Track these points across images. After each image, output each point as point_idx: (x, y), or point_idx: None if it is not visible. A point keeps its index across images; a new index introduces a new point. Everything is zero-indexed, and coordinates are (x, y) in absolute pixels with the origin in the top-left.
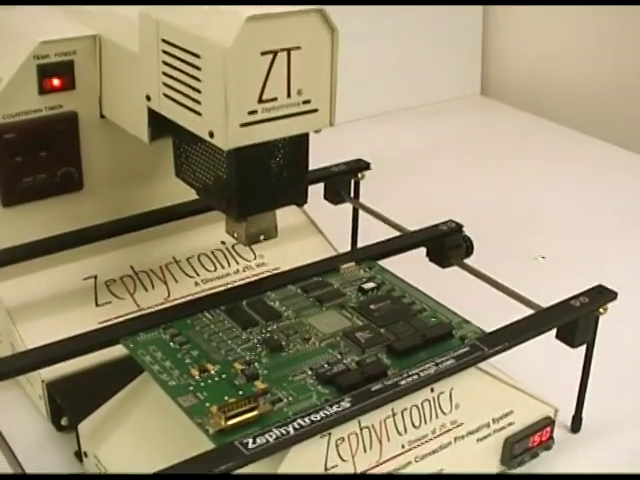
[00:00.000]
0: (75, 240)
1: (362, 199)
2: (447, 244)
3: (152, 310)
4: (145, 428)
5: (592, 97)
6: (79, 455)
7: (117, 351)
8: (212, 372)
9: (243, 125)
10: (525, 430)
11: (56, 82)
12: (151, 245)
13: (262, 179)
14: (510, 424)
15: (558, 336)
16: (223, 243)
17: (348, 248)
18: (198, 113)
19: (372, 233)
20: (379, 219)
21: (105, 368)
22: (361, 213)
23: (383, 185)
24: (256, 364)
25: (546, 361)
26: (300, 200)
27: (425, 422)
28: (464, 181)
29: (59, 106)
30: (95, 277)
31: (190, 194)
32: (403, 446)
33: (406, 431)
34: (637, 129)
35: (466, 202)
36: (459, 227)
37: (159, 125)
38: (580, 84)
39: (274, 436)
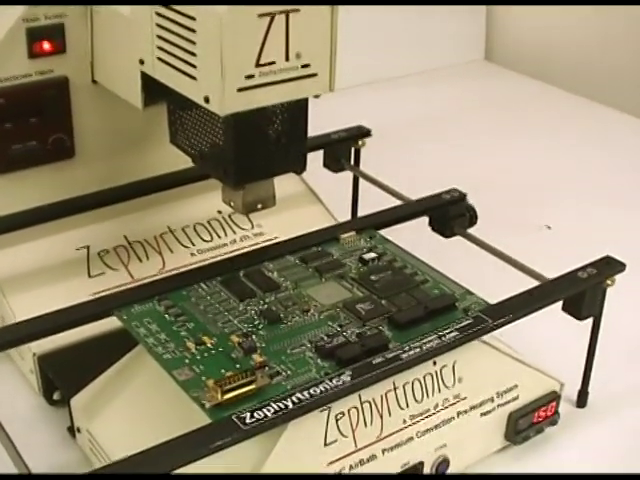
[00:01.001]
0: (67, 209)
1: (362, 167)
2: (450, 213)
3: (146, 281)
4: (139, 403)
5: (601, 62)
6: (72, 430)
7: (110, 323)
8: (208, 345)
9: (240, 90)
10: (530, 405)
11: (46, 46)
12: (145, 214)
13: (260, 146)
14: (514, 398)
15: (564, 308)
16: (220, 212)
17: (348, 217)
18: (193, 77)
19: (373, 202)
20: (380, 187)
21: (98, 341)
22: (361, 181)
23: (384, 152)
24: (254, 336)
25: (552, 334)
26: (299, 168)
27: (427, 396)
28: (467, 149)
29: (49, 71)
30: (88, 247)
31: (185, 162)
32: (405, 421)
33: (408, 405)
34: None
35: (470, 170)
36: (462, 196)
37: (153, 90)
38: (588, 49)
39: (272, 410)
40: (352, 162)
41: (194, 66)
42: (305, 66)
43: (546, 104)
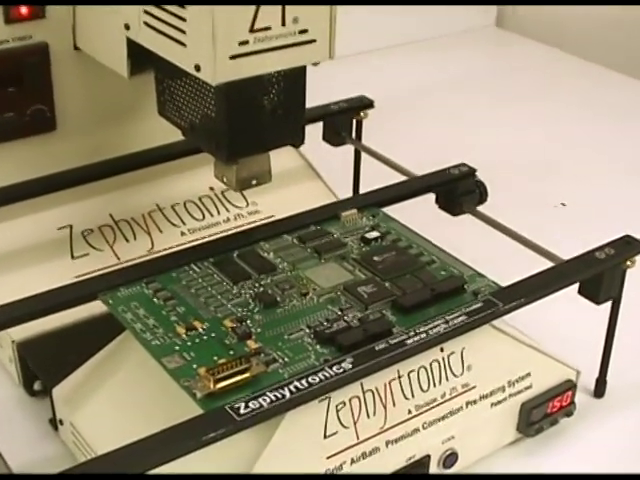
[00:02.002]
0: (48, 186)
1: (365, 140)
2: (459, 189)
3: (134, 263)
4: (126, 392)
5: (618, 29)
6: (54, 423)
7: (95, 308)
8: (200, 330)
9: (233, 57)
10: (544, 394)
11: (24, 10)
12: (132, 191)
13: (254, 118)
14: (527, 388)
15: (581, 291)
16: (212, 189)
17: (349, 194)
18: (183, 44)
19: (376, 178)
20: (383, 162)
21: (82, 327)
22: (364, 156)
23: (388, 125)
24: (248, 321)
25: (567, 319)
26: (296, 141)
27: (434, 385)
28: (477, 121)
29: (28, 37)
30: (70, 227)
31: (175, 135)
32: (410, 411)
33: (413, 395)
34: None
35: (479, 144)
36: (472, 171)
37: (139, 58)
38: (605, 14)
39: (268, 400)
40: (354, 135)
41: (183, 32)
42: (303, 32)
43: (561, 73)
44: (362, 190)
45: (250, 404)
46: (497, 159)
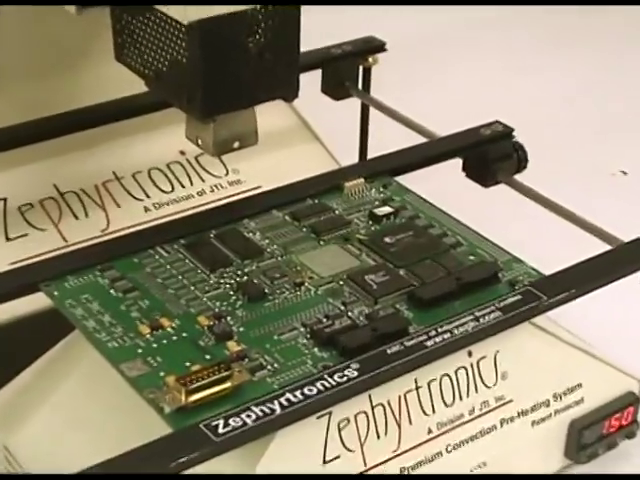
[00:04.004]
0: None
1: (374, 92)
2: (491, 154)
3: (85, 245)
4: (75, 408)
5: None
6: None
7: (36, 302)
8: (168, 329)
9: None
10: (599, 411)
11: None
12: (82, 156)
13: (236, 64)
14: (578, 402)
15: None
16: (182, 153)
17: (355, 159)
18: None
19: (388, 139)
20: (397, 120)
21: (20, 325)
22: (372, 112)
23: (403, 73)
24: (229, 318)
25: (628, 317)
26: (289, 93)
27: (460, 398)
28: (512, 69)
29: None
30: (4, 200)
31: (137, 86)
32: (430, 431)
33: (434, 410)
34: None
35: (516, 99)
36: (508, 131)
37: None
38: None
39: (254, 417)
40: (360, 86)
41: None
42: None
43: (617, 12)
44: (371, 155)
45: (231, 421)
46: (539, 116)
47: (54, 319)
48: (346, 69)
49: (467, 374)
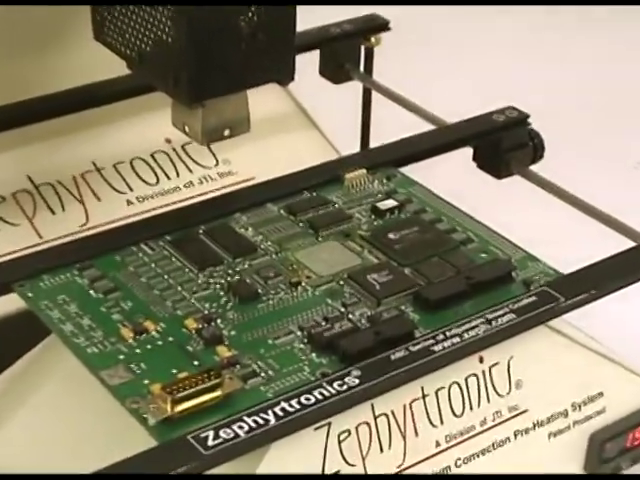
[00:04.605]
0: None
1: (377, 76)
2: (505, 142)
3: (62, 242)
4: (52, 417)
5: None
6: None
7: (9, 303)
8: (153, 333)
9: None
10: (621, 422)
11: None
12: (59, 145)
13: (227, 44)
14: (599, 412)
15: None
16: (168, 142)
17: (356, 149)
18: None
19: (392, 126)
20: (402, 105)
21: None
22: (375, 96)
23: (408, 54)
24: (219, 321)
25: None
26: (284, 76)
27: (471, 408)
28: (526, 51)
29: None
30: None
31: (118, 68)
32: (438, 444)
33: (442, 421)
34: None
35: (531, 86)
36: (523, 117)
37: None
38: None
39: (246, 428)
40: (362, 68)
41: None
42: None
43: None
44: (373, 144)
45: (221, 433)
46: (555, 104)
47: (29, 322)
48: (346, 50)
49: (478, 382)
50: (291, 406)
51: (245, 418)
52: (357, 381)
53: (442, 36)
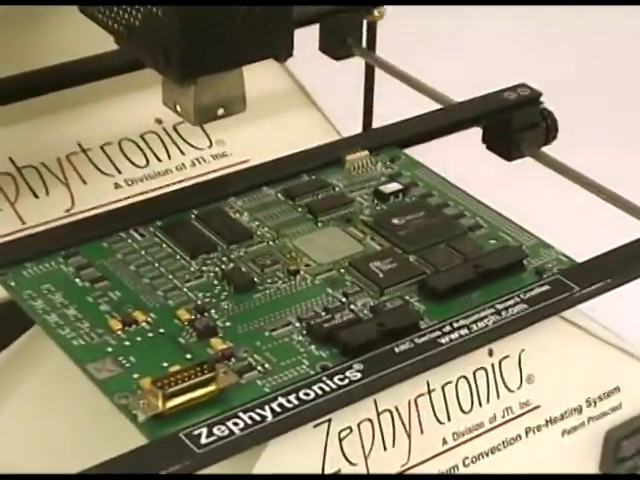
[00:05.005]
0: None
1: (380, 52)
2: (516, 122)
3: (46, 228)
4: (37, 413)
5: None
6: None
7: None
8: (143, 325)
9: None
10: (639, 418)
11: None
12: (43, 125)
13: (221, 18)
14: (615, 409)
15: None
16: (159, 122)
17: (358, 129)
18: None
19: (396, 105)
20: (407, 83)
21: None
22: (379, 73)
23: (414, 30)
24: (213, 311)
25: None
26: (282, 51)
27: (480, 404)
28: (540, 33)
29: None
30: None
31: (105, 43)
32: (445, 441)
33: (450, 418)
34: None
35: (545, 57)
36: (535, 95)
37: None
38: None
39: (242, 425)
40: (364, 43)
41: None
42: None
43: None
44: (376, 124)
45: (215, 430)
46: (571, 79)
47: (11, 313)
48: (348, 24)
49: (487, 376)
50: (289, 402)
51: (240, 414)
52: (359, 375)
53: (451, 10)
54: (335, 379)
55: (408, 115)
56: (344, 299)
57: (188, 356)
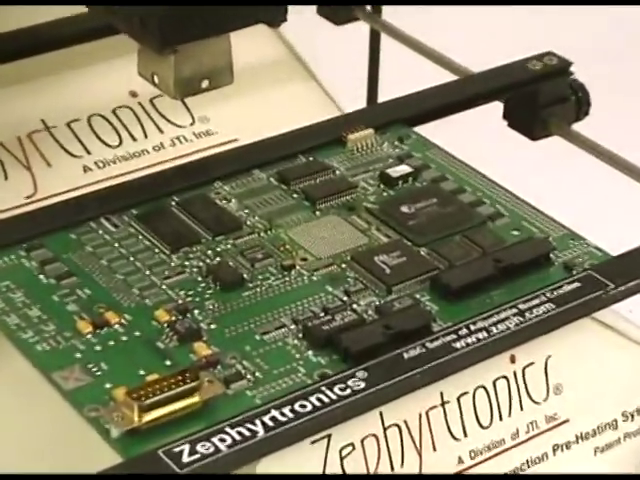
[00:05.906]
0: None
1: (386, 15)
2: (542, 95)
3: (5, 217)
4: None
5: None
6: None
7: None
8: (116, 327)
9: None
10: None
11: None
12: (1, 99)
13: None
14: None
15: None
16: (134, 95)
17: (362, 104)
18: None
19: (405, 77)
20: (417, 51)
21: None
22: (385, 40)
23: None
24: (196, 312)
25: None
26: (274, 16)
27: (500, 418)
28: None
29: None
30: None
31: (72, 6)
32: (461, 460)
33: (466, 434)
34: None
35: (571, 34)
36: (564, 65)
37: None
38: None
39: (229, 441)
40: (369, 7)
41: None
42: None
43: None
44: (382, 98)
45: (199, 447)
46: (605, 47)
47: None
48: None
49: (509, 386)
50: (283, 415)
51: (227, 429)
52: (363, 385)
53: None
54: (335, 389)
55: (418, 88)
56: (346, 298)
57: (168, 363)
